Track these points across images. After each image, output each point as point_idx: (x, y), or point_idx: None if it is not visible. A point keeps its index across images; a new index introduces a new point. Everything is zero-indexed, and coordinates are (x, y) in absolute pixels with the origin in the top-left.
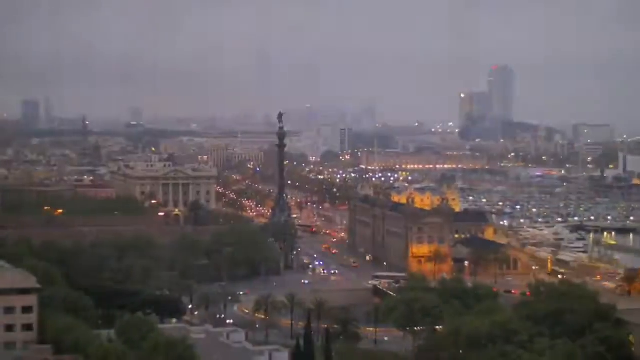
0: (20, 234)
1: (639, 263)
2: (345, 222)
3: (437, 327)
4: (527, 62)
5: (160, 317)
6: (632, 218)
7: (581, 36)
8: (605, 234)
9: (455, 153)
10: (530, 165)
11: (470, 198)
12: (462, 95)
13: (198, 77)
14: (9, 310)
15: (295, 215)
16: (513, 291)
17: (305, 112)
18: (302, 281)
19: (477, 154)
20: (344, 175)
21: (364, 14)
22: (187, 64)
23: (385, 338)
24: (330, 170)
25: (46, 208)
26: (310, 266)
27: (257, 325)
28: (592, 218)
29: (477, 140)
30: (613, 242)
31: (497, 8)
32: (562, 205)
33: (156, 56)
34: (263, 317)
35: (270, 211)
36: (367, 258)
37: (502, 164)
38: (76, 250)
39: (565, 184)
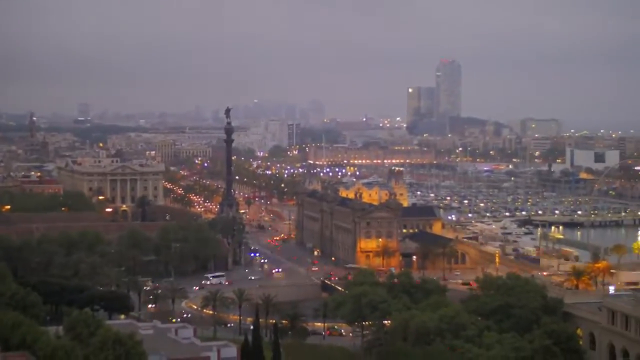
0: None
1: (586, 257)
2: (293, 217)
3: (386, 321)
4: (475, 57)
5: (109, 313)
6: (579, 212)
7: (528, 32)
8: (553, 228)
9: (403, 148)
10: (478, 160)
11: (418, 193)
12: (410, 90)
13: (145, 73)
14: None
15: (243, 211)
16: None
17: (253, 107)
18: (250, 277)
19: (425, 149)
20: (292, 171)
21: (313, 9)
22: (134, 61)
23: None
24: (278, 165)
25: None
26: (256, 256)
27: (206, 321)
28: (540, 212)
29: (425, 135)
30: (560, 236)
31: (448, 3)
32: (509, 199)
33: (103, 53)
34: (211, 312)
35: (218, 206)
36: (315, 253)
37: (450, 159)
38: (24, 246)
39: (512, 179)
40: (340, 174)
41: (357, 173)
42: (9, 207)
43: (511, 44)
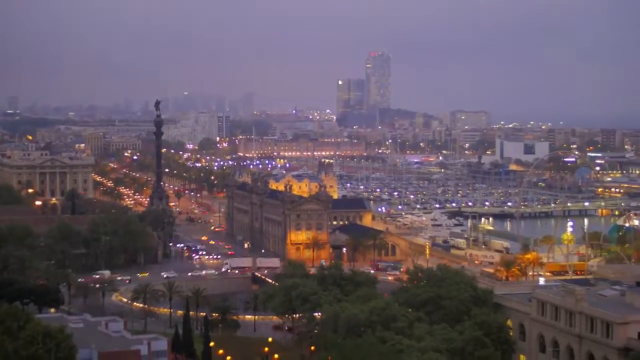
0: None
1: (516, 248)
2: (223, 209)
3: (316, 313)
4: (404, 49)
5: (38, 306)
6: (509, 203)
7: (458, 24)
8: (483, 219)
9: (332, 140)
10: (408, 152)
11: (348, 185)
12: (340, 82)
13: (74, 65)
14: None
15: (173, 204)
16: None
17: (183, 99)
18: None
19: (355, 141)
20: (222, 163)
21: (241, 2)
22: (63, 53)
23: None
24: (208, 157)
25: None
26: (190, 251)
27: (136, 314)
28: (470, 204)
29: (355, 127)
30: (490, 228)
31: None
32: (439, 191)
33: (32, 45)
34: (141, 305)
35: (148, 199)
36: (245, 245)
37: (380, 151)
38: None
39: (442, 170)
40: (270, 166)
41: (287, 165)
42: None
43: (441, 35)
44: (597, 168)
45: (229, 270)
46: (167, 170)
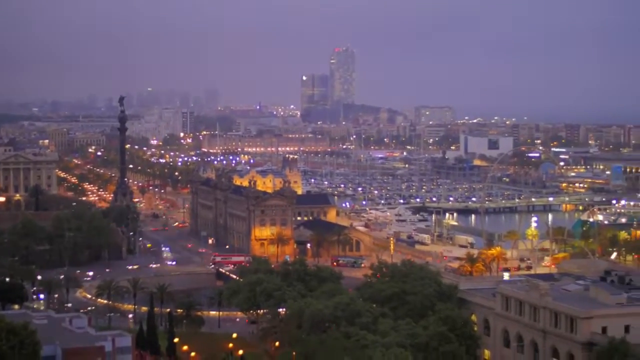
0: None
1: (480, 243)
2: (187, 205)
3: (281, 309)
4: (369, 45)
5: (2, 303)
6: (473, 199)
7: (422, 20)
8: (447, 214)
9: (297, 135)
10: (372, 147)
11: (313, 180)
12: (304, 78)
13: (37, 61)
14: None
15: (137, 200)
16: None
17: (147, 95)
18: (144, 265)
19: (319, 137)
20: (186, 159)
21: None
22: (25, 48)
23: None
24: (172, 153)
25: None
26: (154, 249)
27: (100, 310)
28: (434, 199)
29: (319, 122)
30: (454, 223)
31: None
32: (404, 186)
33: None
34: (106, 302)
35: (112, 195)
36: (210, 241)
37: (344, 146)
38: None
39: (407, 166)
40: (234, 162)
41: (251, 161)
42: None
43: (405, 31)
44: (561, 163)
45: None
46: (131, 166)
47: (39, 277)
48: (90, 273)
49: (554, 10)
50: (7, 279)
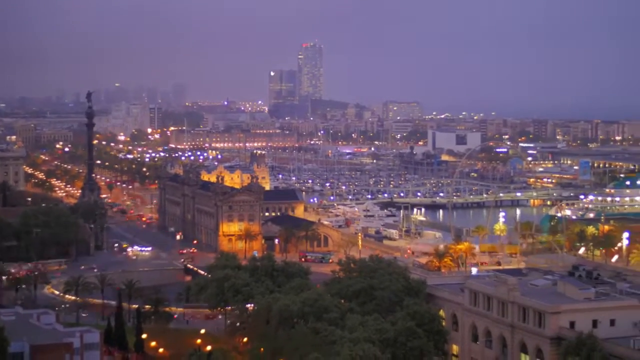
0: None
1: (448, 238)
2: (155, 201)
3: (249, 305)
4: (337, 40)
5: None
6: (441, 194)
7: (388, 16)
8: (415, 210)
9: (264, 131)
10: (340, 143)
11: (280, 176)
12: (272, 73)
13: (4, 57)
14: None
15: (104, 195)
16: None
17: (115, 91)
18: (113, 261)
19: (287, 132)
20: (154, 154)
21: None
22: None
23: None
24: (140, 149)
25: None
26: (117, 245)
27: (68, 306)
28: (402, 194)
29: (287, 118)
30: (422, 218)
31: None
32: (372, 182)
33: None
34: (74, 298)
35: (80, 191)
36: (178, 237)
37: (312, 142)
38: None
39: (374, 161)
40: (202, 157)
41: (219, 156)
42: None
43: (373, 26)
44: (529, 158)
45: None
46: (98, 162)
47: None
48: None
49: (522, 5)
50: None
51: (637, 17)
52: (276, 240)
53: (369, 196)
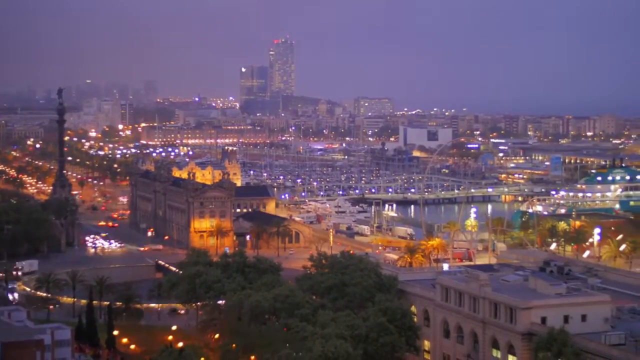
0: None
1: (419, 234)
2: (126, 197)
3: (220, 301)
4: (308, 36)
5: None
6: (412, 190)
7: (360, 11)
8: (387, 206)
9: (236, 127)
10: (311, 139)
11: (252, 172)
12: (243, 70)
13: None
14: None
15: (76, 192)
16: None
17: (86, 87)
18: (84, 258)
19: (258, 128)
20: (125, 151)
21: None
22: None
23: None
24: (111, 145)
25: None
26: (89, 242)
27: (39, 303)
28: (373, 190)
29: (258, 114)
30: (394, 214)
31: None
32: (343, 178)
33: None
34: (45, 294)
35: (51, 188)
36: (149, 233)
37: (283, 138)
38: None
39: (346, 157)
40: (173, 154)
41: (190, 153)
42: None
43: (344, 22)
44: (501, 154)
45: None
46: (70, 158)
47: None
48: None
49: (491, 1)
50: None
51: (604, 13)
52: (247, 237)
53: (341, 192)
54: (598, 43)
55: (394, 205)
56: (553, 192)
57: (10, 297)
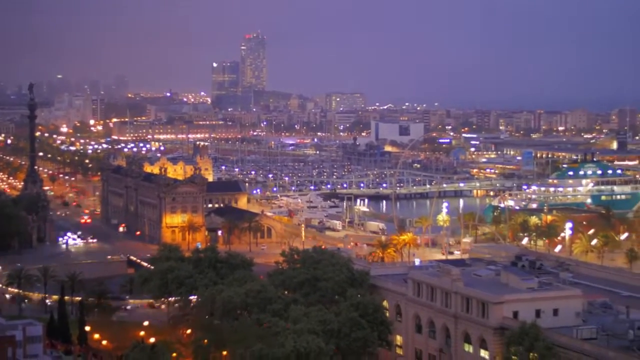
0: None
1: (391, 229)
2: (98, 193)
3: (192, 296)
4: (280, 31)
5: None
6: (384, 185)
7: (331, 5)
8: (359, 201)
9: (207, 122)
10: (283, 134)
11: (223, 167)
12: (214, 65)
13: None
14: None
15: (47, 187)
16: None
17: (57, 82)
18: (56, 254)
19: (230, 123)
20: (96, 146)
21: None
22: None
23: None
24: (83, 141)
25: None
26: (60, 238)
27: (10, 299)
28: (345, 185)
29: (230, 109)
30: (366, 209)
31: None
32: (315, 173)
33: None
34: (16, 290)
35: (22, 183)
36: (121, 229)
37: (255, 133)
38: None
39: (317, 152)
40: (144, 149)
41: (162, 148)
42: None
43: (314, 17)
44: (472, 149)
45: None
46: (41, 154)
47: None
48: None
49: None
50: None
51: (574, 10)
52: (219, 232)
53: (312, 187)
54: (568, 38)
55: (366, 200)
56: (525, 187)
57: None
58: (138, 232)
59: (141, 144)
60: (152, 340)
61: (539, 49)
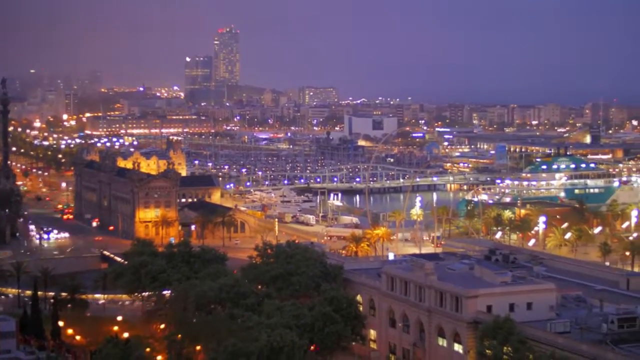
0: None
1: (365, 223)
2: (71, 188)
3: (166, 291)
4: (253, 25)
5: None
6: (357, 179)
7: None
8: (332, 195)
9: (180, 117)
10: (256, 128)
11: (197, 162)
12: (187, 59)
13: None
14: None
15: (20, 182)
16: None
17: (30, 77)
18: (29, 249)
19: (203, 118)
20: (69, 141)
21: None
22: None
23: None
24: (56, 136)
25: None
26: (32, 232)
27: None
28: (319, 180)
29: (203, 104)
30: (339, 204)
31: None
32: (288, 167)
33: None
34: None
35: None
36: (94, 224)
37: (228, 128)
38: None
39: (291, 147)
40: (118, 144)
41: (135, 143)
42: None
43: (287, 11)
44: (446, 143)
45: None
46: (14, 148)
47: None
48: None
49: None
50: None
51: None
52: (193, 227)
53: (286, 182)
54: (541, 31)
55: (340, 195)
56: (498, 181)
57: None
58: (111, 227)
59: (114, 139)
60: (126, 335)
61: (512, 44)
